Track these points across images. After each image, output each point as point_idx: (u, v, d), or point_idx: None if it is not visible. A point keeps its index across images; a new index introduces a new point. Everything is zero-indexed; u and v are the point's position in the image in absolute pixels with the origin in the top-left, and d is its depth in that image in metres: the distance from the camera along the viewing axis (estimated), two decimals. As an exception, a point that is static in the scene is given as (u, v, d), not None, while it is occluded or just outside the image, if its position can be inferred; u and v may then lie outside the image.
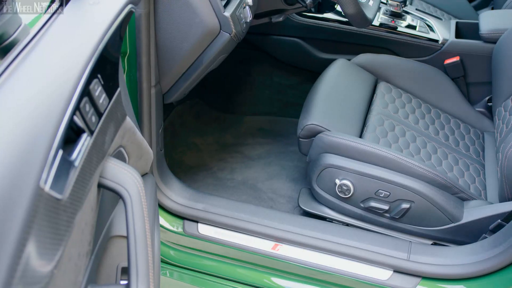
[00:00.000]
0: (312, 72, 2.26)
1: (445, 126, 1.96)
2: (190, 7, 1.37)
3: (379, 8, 2.28)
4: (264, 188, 1.97)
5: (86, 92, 0.80)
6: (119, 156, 1.04)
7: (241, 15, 1.47)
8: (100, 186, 0.89)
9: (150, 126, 1.56)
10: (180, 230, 1.69)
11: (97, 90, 0.84)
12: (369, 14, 1.63)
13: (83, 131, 0.79)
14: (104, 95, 0.88)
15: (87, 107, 0.80)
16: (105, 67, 0.90)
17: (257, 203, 1.91)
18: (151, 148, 1.60)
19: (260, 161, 2.12)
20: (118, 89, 0.98)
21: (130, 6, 1.00)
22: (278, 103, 2.43)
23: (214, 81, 2.42)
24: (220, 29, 1.42)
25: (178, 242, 1.69)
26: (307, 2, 1.65)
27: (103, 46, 0.87)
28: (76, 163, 0.74)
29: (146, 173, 1.31)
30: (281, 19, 1.80)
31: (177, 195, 1.71)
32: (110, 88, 0.92)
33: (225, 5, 1.43)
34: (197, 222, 1.69)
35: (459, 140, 1.94)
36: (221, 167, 2.09)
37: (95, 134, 0.83)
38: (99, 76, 0.86)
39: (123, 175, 0.90)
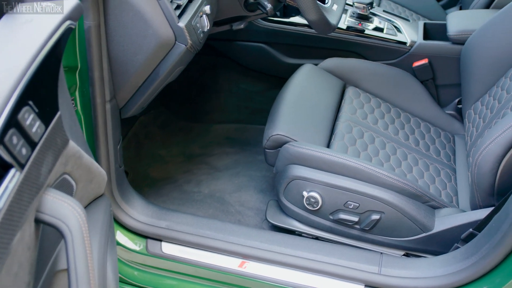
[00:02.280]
0: (279, 78, 2.21)
1: (415, 131, 1.92)
2: (142, 18, 1.30)
3: (345, 11, 2.23)
4: (232, 200, 1.91)
5: (13, 123, 0.72)
6: (64, 184, 0.97)
7: (198, 24, 1.40)
8: (38, 221, 0.82)
9: (106, 143, 1.48)
10: (143, 249, 1.62)
11: (29, 118, 0.77)
12: (332, 20, 1.57)
13: (11, 166, 0.72)
14: (38, 123, 0.80)
15: (15, 139, 0.72)
16: (39, 91, 0.82)
17: (224, 216, 1.84)
18: (109, 165, 1.53)
19: (228, 172, 2.05)
20: (58, 113, 0.90)
21: (68, 22, 0.93)
22: (245, 110, 2.37)
23: (179, 89, 2.34)
24: (175, 40, 1.35)
25: (142, 262, 1.62)
26: (267, 9, 1.59)
27: (34, 69, 0.80)
28: (0, 205, 0.67)
29: (102, 195, 1.24)
30: (242, 26, 1.73)
31: (139, 213, 1.63)
32: (46, 114, 0.85)
33: (180, 15, 1.36)
34: (160, 240, 1.62)
35: (430, 144, 1.90)
36: (187, 179, 2.02)
37: (26, 167, 0.76)
38: (30, 103, 0.78)
39: (63, 209, 0.83)
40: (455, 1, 2.94)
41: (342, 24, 2.16)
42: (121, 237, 1.64)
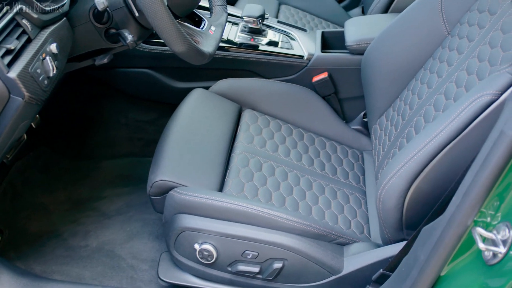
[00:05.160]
0: (171, 104, 1.99)
1: (320, 152, 1.76)
2: (-38, 71, 1.06)
3: (236, 25, 2.04)
4: (123, 253, 1.68)
5: None
6: None
7: (38, 70, 1.16)
8: None
9: None
10: (12, 333, 1.37)
11: None
12: (207, 47, 1.37)
13: None
14: None
15: None
16: None
17: (114, 274, 1.62)
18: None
19: (119, 217, 1.82)
20: None
21: None
22: (138, 142, 2.14)
23: (61, 125, 2.09)
24: (9, 93, 1.11)
25: None
26: (127, 41, 1.37)
27: None
28: None
29: None
30: (105, 60, 1.50)
31: (5, 288, 1.39)
32: None
33: (13, 62, 1.12)
34: (33, 320, 1.38)
35: (337, 166, 1.74)
36: (74, 231, 1.77)
37: None
38: None
39: None
40: (356, 2, 2.82)
41: (234, 40, 1.97)
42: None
